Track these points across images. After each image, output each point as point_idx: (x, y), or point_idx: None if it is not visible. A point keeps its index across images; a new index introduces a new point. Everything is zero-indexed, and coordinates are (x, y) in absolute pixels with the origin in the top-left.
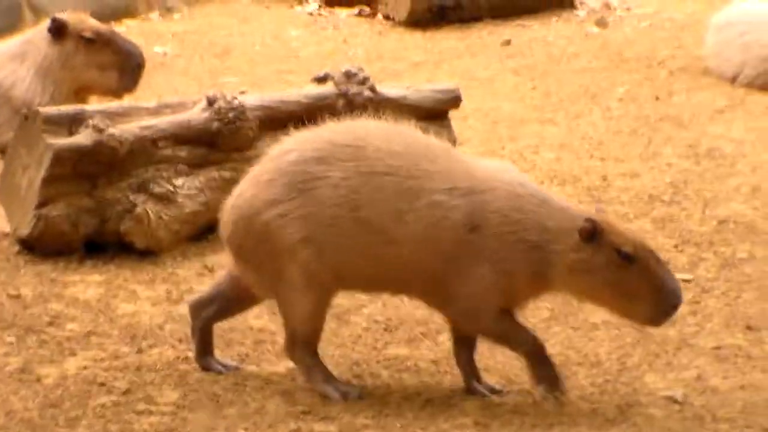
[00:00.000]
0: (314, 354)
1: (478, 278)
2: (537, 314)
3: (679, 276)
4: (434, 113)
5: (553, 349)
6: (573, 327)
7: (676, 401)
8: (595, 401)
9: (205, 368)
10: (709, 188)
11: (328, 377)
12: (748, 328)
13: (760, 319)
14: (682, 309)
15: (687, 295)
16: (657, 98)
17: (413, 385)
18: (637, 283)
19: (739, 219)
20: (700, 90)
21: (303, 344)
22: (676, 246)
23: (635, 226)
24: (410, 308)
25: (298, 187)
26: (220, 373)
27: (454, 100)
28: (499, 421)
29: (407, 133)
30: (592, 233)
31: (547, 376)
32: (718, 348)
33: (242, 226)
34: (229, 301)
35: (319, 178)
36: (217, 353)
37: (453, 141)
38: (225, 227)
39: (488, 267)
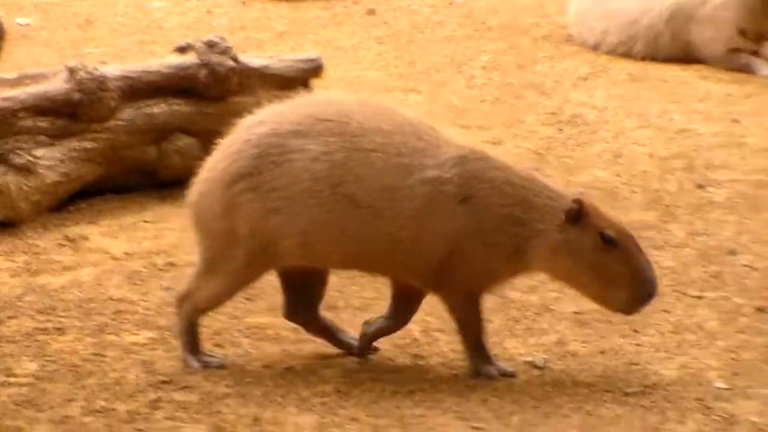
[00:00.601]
0: (196, 321)
1: (467, 255)
2: None
3: None
4: (297, 82)
5: (416, 315)
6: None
7: (536, 366)
8: (456, 367)
9: (347, 348)
10: (572, 155)
11: (195, 348)
12: None
13: None
14: (543, 275)
15: None
16: (521, 66)
17: (274, 353)
18: (616, 269)
19: (601, 185)
20: (563, 58)
21: (196, 309)
22: None
23: None
24: (270, 277)
25: (271, 160)
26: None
27: (317, 69)
28: (359, 388)
29: (390, 110)
30: (578, 214)
31: (483, 371)
32: (578, 313)
33: (208, 196)
34: (307, 287)
35: (294, 151)
36: (76, 323)
37: None
38: (190, 196)
39: (475, 243)
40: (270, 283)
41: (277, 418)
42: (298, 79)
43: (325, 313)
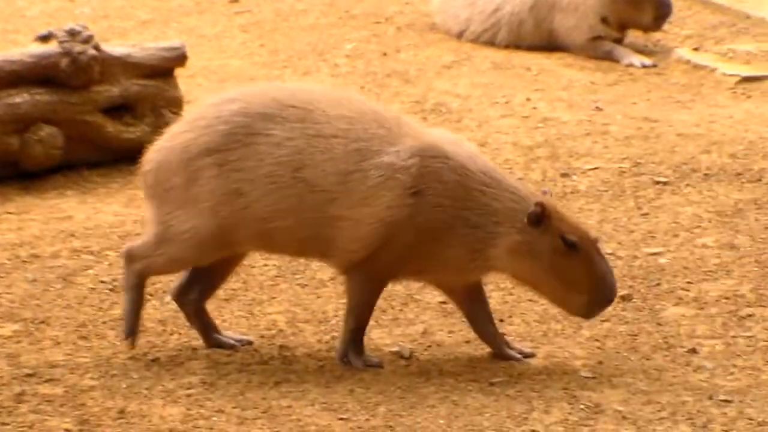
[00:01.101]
0: (144, 282)
1: (400, 245)
2: (265, 271)
3: None
4: (160, 71)
5: (280, 306)
6: (300, 284)
7: (402, 356)
8: (322, 358)
9: (217, 346)
10: None
11: (138, 307)
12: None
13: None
14: None
15: None
16: (384, 54)
17: (139, 345)
18: (577, 273)
19: None
20: (426, 46)
21: (148, 271)
22: None
23: None
24: None
25: (238, 139)
26: (230, 348)
27: (180, 58)
28: (226, 380)
29: (356, 99)
30: (540, 217)
31: (354, 362)
32: (443, 303)
33: (169, 165)
34: (209, 276)
35: (260, 134)
36: None
37: (179, 99)
38: (146, 164)
39: (413, 236)
40: None
41: (143, 410)
42: (161, 67)
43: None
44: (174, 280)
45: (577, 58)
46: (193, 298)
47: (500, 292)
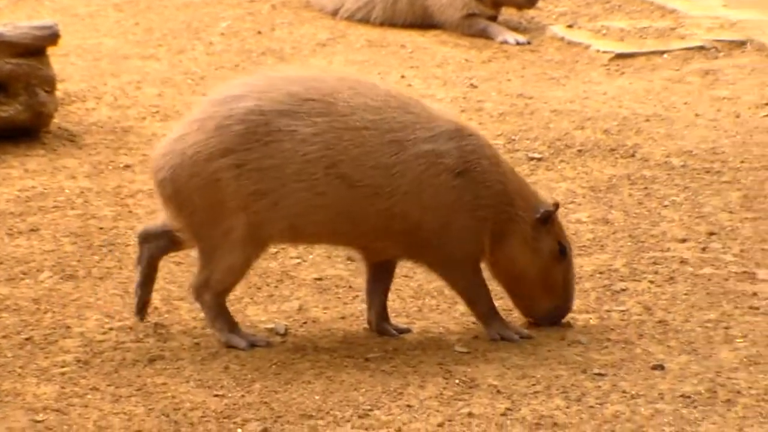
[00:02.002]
0: (223, 303)
1: (459, 228)
2: None
3: None
4: (32, 50)
5: (155, 284)
6: (175, 261)
7: (278, 333)
8: (198, 335)
9: (144, 300)
10: None
11: (234, 326)
12: (349, 259)
13: None
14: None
15: None
16: (259, 32)
17: (12, 324)
18: (556, 280)
19: None
20: (301, 24)
21: (217, 293)
22: None
23: None
24: (10, 247)
25: (256, 138)
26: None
27: (53, 37)
28: (100, 358)
29: (371, 85)
30: (550, 217)
31: (504, 335)
32: (319, 279)
33: (185, 170)
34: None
35: (282, 131)
36: None
37: (52, 78)
38: (159, 171)
39: (468, 216)
40: (9, 254)
41: (17, 389)
42: (34, 46)
43: (68, 283)
44: (149, 222)
45: (452, 36)
46: (155, 246)
47: None
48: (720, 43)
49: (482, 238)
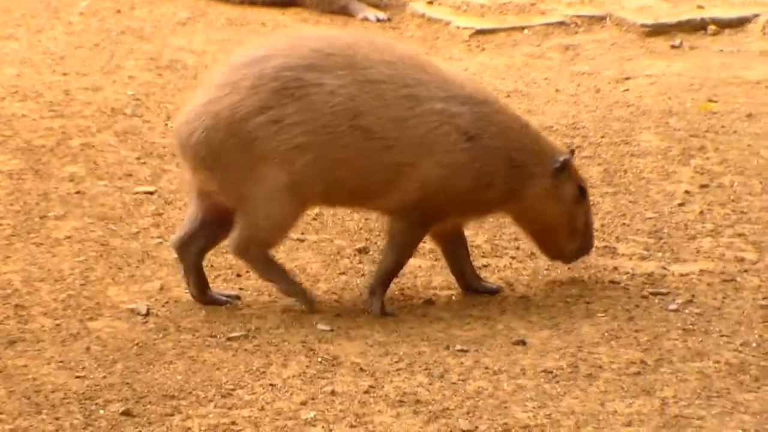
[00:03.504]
0: (270, 255)
1: (454, 189)
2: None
3: (142, 189)
4: None
5: (15, 265)
6: (36, 243)
7: (139, 313)
8: (59, 317)
9: (208, 303)
10: (171, 100)
11: (287, 276)
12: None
13: None
14: (146, 221)
15: (150, 208)
16: (118, 11)
17: None
18: (580, 220)
19: None
20: (161, 3)
21: (265, 246)
22: (138, 158)
23: (98, 139)
24: None
25: (290, 93)
26: (222, 304)
27: None
28: None
29: (387, 43)
30: (567, 165)
31: (380, 292)
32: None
33: (220, 132)
34: (213, 229)
35: (312, 85)
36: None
37: None
38: (191, 136)
39: (470, 181)
40: None
41: None
42: None
43: None
44: (176, 230)
45: (313, 13)
46: (194, 250)
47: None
48: (580, 19)
49: (475, 203)
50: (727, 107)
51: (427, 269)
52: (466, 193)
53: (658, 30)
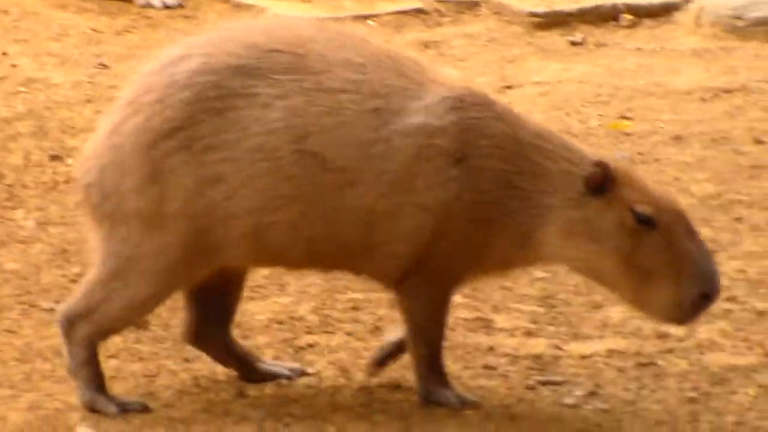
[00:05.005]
0: (96, 349)
1: (454, 235)
2: None
3: None
4: None
5: None
6: None
7: None
8: None
9: (266, 379)
10: None
11: (102, 384)
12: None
13: None
14: None
15: None
16: None
17: None
18: (656, 259)
19: None
20: None
21: (98, 331)
22: None
23: None
24: None
25: (207, 106)
26: (289, 378)
27: None
28: None
29: (358, 38)
30: (601, 183)
31: (439, 397)
32: None
33: (120, 167)
34: (222, 300)
35: (239, 95)
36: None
37: None
38: (87, 175)
39: (466, 219)
40: None
41: None
42: None
43: None
44: (179, 323)
45: None
46: (215, 332)
47: None
48: (444, 5)
49: (480, 249)
50: (646, 126)
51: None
52: (466, 239)
53: (552, 20)
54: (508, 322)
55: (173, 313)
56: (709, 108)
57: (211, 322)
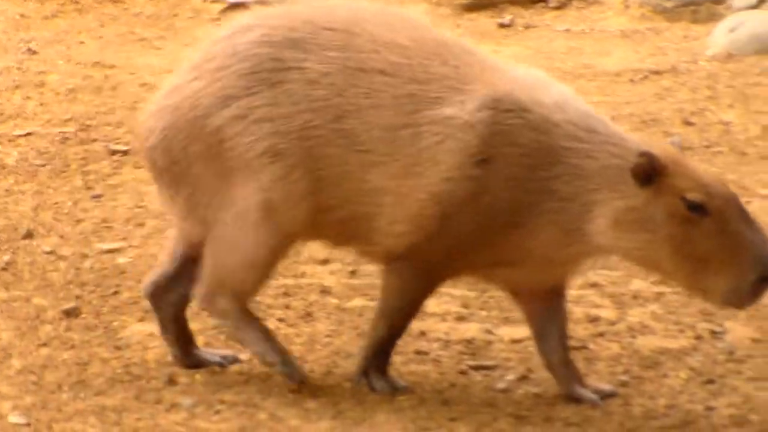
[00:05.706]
0: (245, 308)
1: (455, 232)
2: None
3: None
4: None
5: None
6: None
7: None
8: None
9: (198, 365)
10: None
11: (267, 338)
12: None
13: None
14: None
15: None
16: None
17: None
18: (709, 246)
19: None
20: None
21: (236, 295)
22: None
23: None
24: None
25: (263, 77)
26: (221, 365)
27: None
28: None
29: (417, 24)
30: (648, 173)
31: (379, 366)
32: None
33: (179, 134)
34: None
35: (291, 68)
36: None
37: None
38: (148, 136)
39: (475, 221)
40: None
41: None
42: None
43: None
44: (150, 272)
45: None
46: (174, 298)
47: None
48: None
49: (493, 250)
50: None
51: (159, 337)
52: (475, 238)
53: (481, 2)
54: (439, 307)
55: (104, 301)
56: (639, 90)
57: (181, 281)
